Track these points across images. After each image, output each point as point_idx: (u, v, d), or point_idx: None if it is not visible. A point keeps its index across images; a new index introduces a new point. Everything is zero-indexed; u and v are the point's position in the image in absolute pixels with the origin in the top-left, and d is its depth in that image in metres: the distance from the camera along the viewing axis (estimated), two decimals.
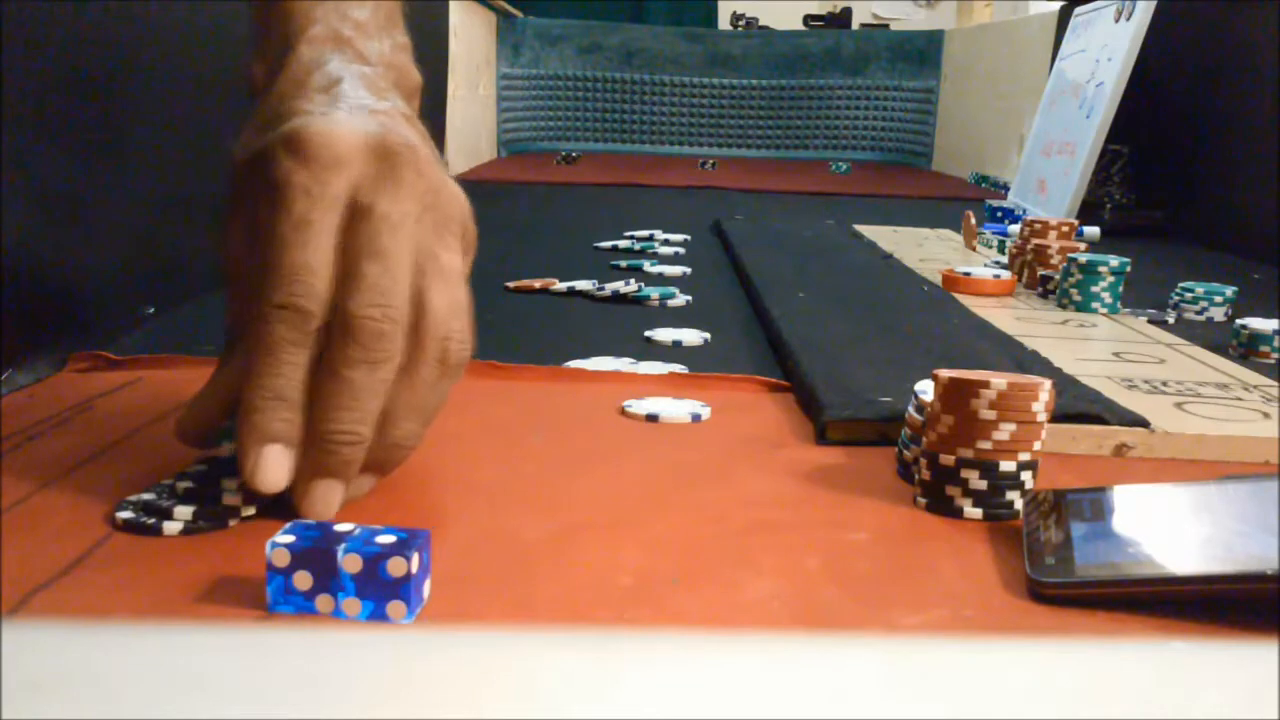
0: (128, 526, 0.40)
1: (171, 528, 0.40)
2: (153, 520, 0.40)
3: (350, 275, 0.41)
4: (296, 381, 0.40)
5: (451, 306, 0.43)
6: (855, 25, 3.42)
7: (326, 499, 0.41)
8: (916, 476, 0.47)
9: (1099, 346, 0.77)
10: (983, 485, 0.45)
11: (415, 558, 0.34)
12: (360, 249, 0.41)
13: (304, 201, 0.41)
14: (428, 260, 0.42)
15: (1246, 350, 0.75)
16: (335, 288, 0.41)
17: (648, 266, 1.07)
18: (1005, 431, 0.45)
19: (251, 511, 0.42)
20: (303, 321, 0.40)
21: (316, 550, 0.34)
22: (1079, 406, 0.56)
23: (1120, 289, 0.90)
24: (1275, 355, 0.74)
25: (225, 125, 0.51)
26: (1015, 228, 1.19)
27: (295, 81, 0.45)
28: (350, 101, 0.44)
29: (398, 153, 0.42)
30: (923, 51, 2.82)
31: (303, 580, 0.34)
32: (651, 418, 0.58)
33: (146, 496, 0.42)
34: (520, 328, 0.81)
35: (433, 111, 1.89)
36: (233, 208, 0.44)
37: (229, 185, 0.44)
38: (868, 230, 1.35)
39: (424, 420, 0.43)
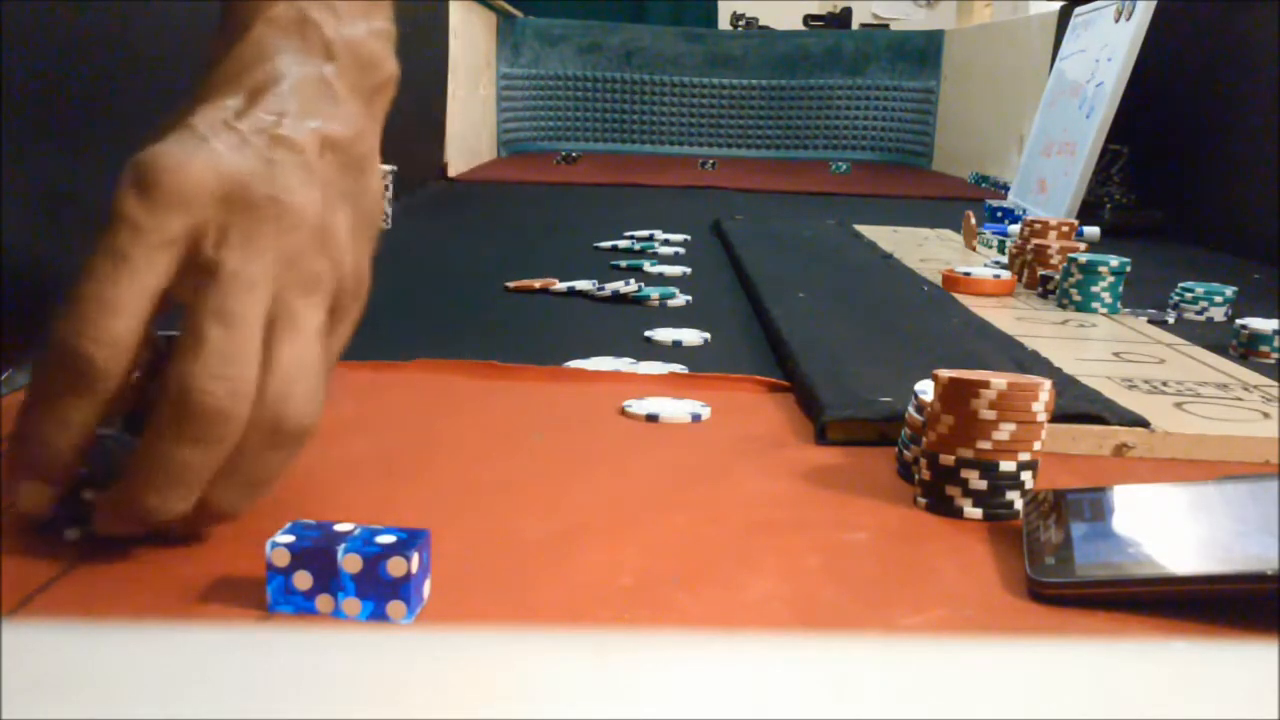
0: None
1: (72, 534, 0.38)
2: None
3: (191, 338, 0.35)
4: (63, 446, 0.35)
5: (297, 365, 0.36)
6: (855, 25, 3.42)
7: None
8: (916, 476, 0.47)
9: (1099, 346, 0.77)
10: (983, 485, 0.45)
11: (415, 558, 0.34)
12: (205, 309, 0.35)
13: (128, 235, 0.36)
14: (281, 314, 0.37)
15: (1246, 350, 0.75)
16: (175, 350, 0.35)
17: (648, 266, 1.07)
18: (1005, 431, 0.45)
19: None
20: (84, 368, 0.35)
21: (316, 550, 0.34)
22: (1079, 406, 0.56)
23: (1120, 289, 0.90)
24: (1275, 355, 0.75)
25: None
26: (1015, 228, 1.19)
27: (226, 76, 0.40)
28: (256, 123, 0.38)
29: (257, 205, 0.37)
30: (923, 51, 2.82)
31: (303, 580, 0.34)
32: (651, 418, 0.58)
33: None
34: (520, 328, 0.81)
35: (433, 111, 1.89)
36: None
37: None
38: (868, 230, 1.35)
39: (246, 492, 0.37)
